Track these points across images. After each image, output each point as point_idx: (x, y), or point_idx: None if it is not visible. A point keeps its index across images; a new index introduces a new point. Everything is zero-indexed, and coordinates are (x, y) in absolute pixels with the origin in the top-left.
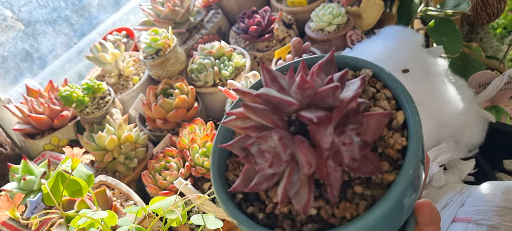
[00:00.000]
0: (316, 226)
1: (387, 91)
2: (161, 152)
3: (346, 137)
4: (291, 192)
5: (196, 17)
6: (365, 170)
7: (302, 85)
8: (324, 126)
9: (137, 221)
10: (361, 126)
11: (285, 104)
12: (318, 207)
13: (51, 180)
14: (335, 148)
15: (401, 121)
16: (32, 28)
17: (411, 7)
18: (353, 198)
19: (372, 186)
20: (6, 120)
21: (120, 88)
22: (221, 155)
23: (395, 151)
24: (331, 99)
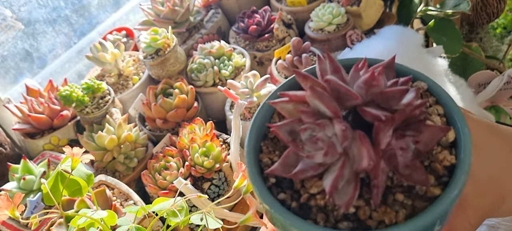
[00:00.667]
0: (351, 225)
1: (439, 108)
2: (160, 151)
3: (404, 142)
4: (340, 185)
5: (196, 17)
6: (416, 179)
7: (370, 81)
8: (389, 126)
9: (137, 220)
10: (419, 135)
11: (351, 96)
12: (357, 206)
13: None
14: (391, 151)
15: (451, 139)
16: (32, 27)
17: (411, 7)
18: (394, 205)
19: (414, 197)
20: (6, 120)
21: (120, 88)
22: (258, 134)
23: (443, 167)
24: (395, 102)
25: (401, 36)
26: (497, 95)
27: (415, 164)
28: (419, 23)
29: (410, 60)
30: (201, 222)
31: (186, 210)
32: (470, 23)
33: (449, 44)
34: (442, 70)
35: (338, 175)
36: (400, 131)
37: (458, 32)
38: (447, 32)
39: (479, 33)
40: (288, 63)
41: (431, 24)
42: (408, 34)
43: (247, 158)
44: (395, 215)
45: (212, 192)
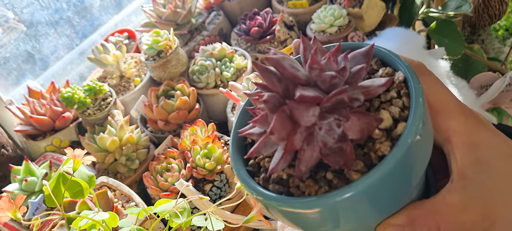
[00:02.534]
0: (279, 189)
1: (407, 101)
2: (162, 153)
3: (326, 124)
4: (263, 151)
5: (198, 19)
6: (332, 160)
7: (311, 64)
8: (307, 106)
9: (139, 222)
10: (347, 120)
11: (289, 75)
12: (290, 175)
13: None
14: (311, 130)
15: (399, 132)
16: (34, 29)
17: (413, 8)
18: (320, 180)
19: (341, 178)
20: (8, 121)
21: (121, 90)
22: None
23: (376, 156)
24: (328, 85)
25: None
26: (499, 97)
27: (341, 147)
28: (421, 25)
29: None
30: (203, 224)
31: (188, 211)
32: (472, 25)
33: (451, 46)
34: (444, 72)
35: (262, 141)
36: (326, 113)
37: (460, 34)
38: (449, 34)
39: (481, 35)
40: None
41: (433, 26)
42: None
43: (235, 120)
44: (316, 190)
45: (214, 194)
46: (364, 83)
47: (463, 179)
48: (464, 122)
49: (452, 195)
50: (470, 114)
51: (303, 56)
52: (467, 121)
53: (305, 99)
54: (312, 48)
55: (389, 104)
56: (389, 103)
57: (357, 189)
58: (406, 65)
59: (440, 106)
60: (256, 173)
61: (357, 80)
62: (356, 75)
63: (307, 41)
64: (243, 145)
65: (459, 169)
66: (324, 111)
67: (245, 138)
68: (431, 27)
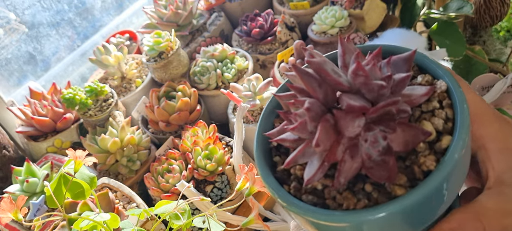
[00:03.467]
0: (314, 200)
1: (450, 112)
2: (163, 154)
3: (372, 135)
4: (300, 160)
5: (199, 20)
6: (375, 174)
7: (356, 71)
8: (353, 116)
9: (140, 223)
10: (393, 133)
11: (330, 81)
12: (325, 185)
13: (54, 182)
14: (355, 141)
15: (444, 146)
16: (36, 30)
17: (414, 10)
18: (358, 193)
19: (381, 192)
20: (9, 122)
21: (123, 91)
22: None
23: (420, 171)
24: (375, 95)
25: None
26: (500, 98)
27: (384, 160)
28: (422, 26)
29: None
30: (204, 225)
31: (189, 212)
32: (473, 26)
33: (452, 47)
34: None
35: (300, 151)
36: (372, 124)
37: (461, 35)
38: (450, 35)
39: (483, 36)
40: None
41: (434, 27)
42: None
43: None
44: (355, 202)
45: (215, 195)
46: (405, 92)
47: (500, 184)
48: (498, 129)
49: (491, 201)
50: (503, 121)
51: (342, 60)
52: (501, 128)
53: (353, 110)
54: (352, 52)
55: (431, 115)
56: (431, 113)
57: (403, 205)
58: (448, 73)
59: (474, 114)
60: (285, 180)
61: (400, 89)
62: (400, 84)
63: (346, 44)
64: (268, 148)
65: (496, 175)
66: (370, 122)
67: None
68: (432, 28)
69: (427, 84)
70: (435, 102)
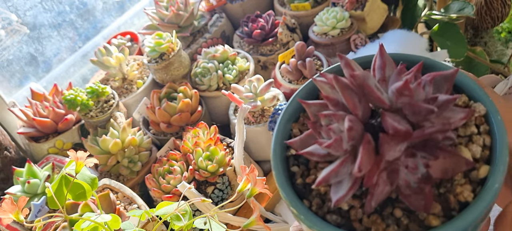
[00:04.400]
0: (339, 221)
1: (488, 139)
2: (164, 155)
3: (413, 161)
4: (332, 180)
5: (200, 21)
6: (413, 203)
7: (401, 90)
8: (396, 140)
9: (141, 224)
10: (434, 160)
11: (374, 99)
12: (351, 205)
13: (55, 183)
14: (396, 166)
15: (481, 176)
16: (37, 32)
17: (415, 11)
18: (388, 218)
19: (413, 219)
20: (11, 123)
21: (124, 92)
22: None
23: (456, 200)
24: (421, 118)
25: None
26: None
27: (421, 187)
28: (423, 28)
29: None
30: (205, 226)
31: (190, 214)
32: (474, 27)
33: (453, 48)
34: None
35: (333, 170)
36: (414, 149)
37: (462, 36)
38: (451, 36)
39: (484, 37)
40: (292, 68)
41: (436, 28)
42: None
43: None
44: (384, 228)
45: (216, 196)
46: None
47: None
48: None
49: None
50: None
51: (382, 73)
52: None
53: (398, 133)
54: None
55: (468, 140)
56: (468, 139)
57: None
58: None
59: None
60: (305, 194)
61: (443, 112)
62: (443, 107)
63: (386, 54)
64: (284, 156)
65: None
66: (411, 146)
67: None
68: (433, 29)
69: (464, 106)
70: (473, 127)
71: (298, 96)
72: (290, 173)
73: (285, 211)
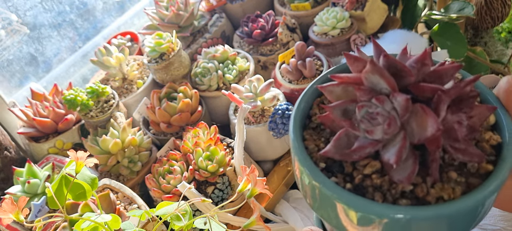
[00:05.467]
0: (410, 202)
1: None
2: (164, 155)
3: (458, 117)
4: (404, 155)
5: (200, 21)
6: (473, 153)
7: (422, 60)
8: (446, 99)
9: (141, 224)
10: (471, 111)
11: (407, 72)
12: (414, 184)
13: (55, 183)
14: (449, 124)
15: (492, 122)
16: (37, 32)
17: (415, 11)
18: (449, 182)
19: (466, 174)
20: (11, 123)
21: (124, 92)
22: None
23: (489, 146)
24: (447, 79)
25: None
26: None
27: (467, 141)
28: (423, 28)
29: None
30: (205, 226)
31: (190, 214)
32: (474, 27)
33: (453, 48)
34: None
35: (402, 145)
36: (455, 106)
37: (462, 36)
38: (451, 36)
39: (484, 37)
40: (292, 68)
41: (436, 28)
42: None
43: (296, 146)
44: (452, 191)
45: (216, 196)
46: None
47: None
48: None
49: None
50: None
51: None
52: None
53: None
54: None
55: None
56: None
57: (503, 175)
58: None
59: None
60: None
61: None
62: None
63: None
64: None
65: None
66: (452, 105)
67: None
68: (433, 29)
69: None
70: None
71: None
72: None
73: (285, 211)
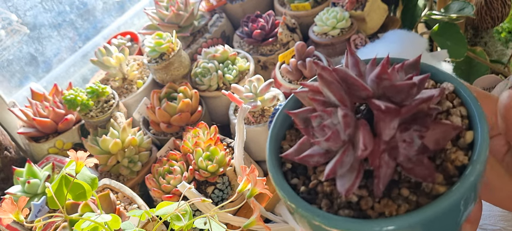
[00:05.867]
0: (352, 214)
1: (463, 109)
2: (164, 155)
3: (408, 135)
4: (339, 171)
5: (200, 21)
6: (418, 173)
7: (380, 75)
8: (390, 118)
9: (141, 224)
10: (426, 130)
11: (359, 87)
12: (360, 196)
13: (55, 183)
14: (394, 143)
15: (468, 141)
16: (37, 32)
17: (415, 11)
18: (397, 199)
19: (420, 193)
20: (11, 123)
21: (124, 92)
22: (282, 123)
23: (454, 167)
24: (404, 96)
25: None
26: None
27: (420, 159)
28: (423, 28)
29: None
30: (205, 226)
31: (190, 214)
32: (474, 27)
33: (453, 48)
34: None
35: (338, 160)
36: (406, 124)
37: (462, 36)
38: (451, 36)
39: (484, 37)
40: (292, 68)
41: (436, 28)
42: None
43: (268, 141)
44: (396, 208)
45: (216, 196)
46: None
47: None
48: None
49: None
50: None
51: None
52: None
53: (390, 110)
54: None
55: (447, 114)
56: (447, 113)
57: (451, 199)
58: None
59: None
60: (312, 200)
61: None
62: (421, 85)
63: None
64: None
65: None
66: (403, 122)
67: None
68: (433, 29)
69: (433, 87)
70: (447, 102)
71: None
72: (292, 186)
73: (285, 211)
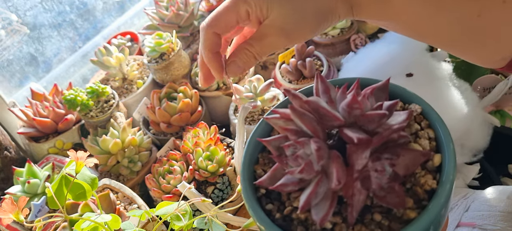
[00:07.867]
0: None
1: (431, 132)
2: (164, 155)
3: (380, 164)
4: (313, 201)
5: (200, 21)
6: (390, 201)
7: (351, 104)
8: (362, 149)
9: (141, 224)
10: (397, 158)
11: (331, 117)
12: (334, 223)
13: (55, 183)
14: (366, 172)
15: (436, 164)
16: (37, 32)
17: None
18: (370, 224)
19: (392, 218)
20: (11, 123)
21: (124, 92)
22: (255, 147)
23: (423, 191)
24: (375, 125)
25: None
26: (502, 99)
27: (392, 187)
28: None
29: (414, 65)
30: (205, 226)
31: (190, 214)
32: None
33: None
34: (446, 74)
35: (312, 192)
36: (378, 153)
37: None
38: None
39: None
40: (292, 67)
41: None
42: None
43: (242, 167)
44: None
45: (216, 196)
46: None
47: None
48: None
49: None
50: None
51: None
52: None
53: (362, 142)
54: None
55: (415, 137)
56: (415, 136)
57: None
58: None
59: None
60: (287, 226)
61: (390, 116)
62: (390, 111)
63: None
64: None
65: None
66: (374, 152)
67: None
68: None
69: (402, 109)
70: (416, 124)
71: (255, 136)
72: (266, 212)
73: None
